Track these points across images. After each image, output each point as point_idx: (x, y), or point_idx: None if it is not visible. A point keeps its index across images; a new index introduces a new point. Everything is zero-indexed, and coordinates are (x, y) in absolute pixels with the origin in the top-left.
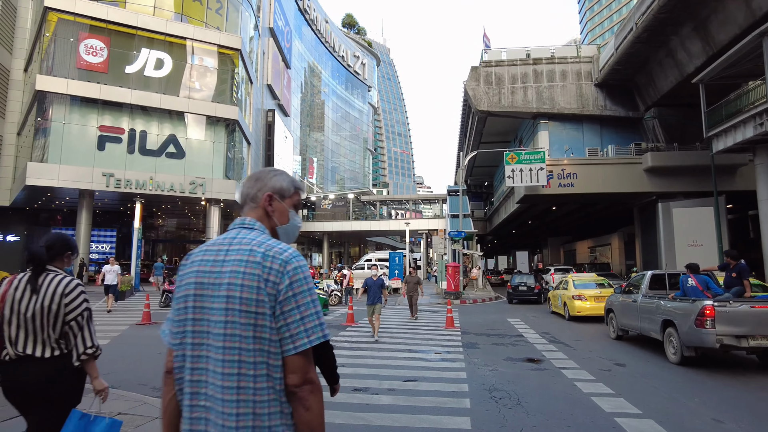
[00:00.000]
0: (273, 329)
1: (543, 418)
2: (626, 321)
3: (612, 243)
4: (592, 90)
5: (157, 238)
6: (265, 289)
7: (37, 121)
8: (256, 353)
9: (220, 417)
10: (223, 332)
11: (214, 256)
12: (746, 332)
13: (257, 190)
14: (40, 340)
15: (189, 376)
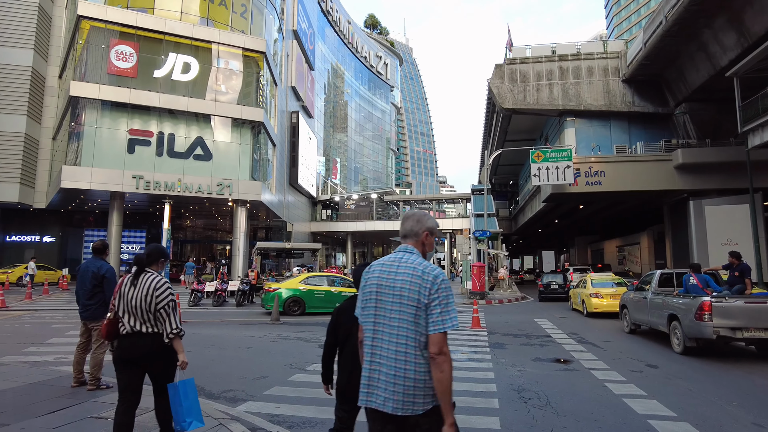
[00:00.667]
0: (424, 318)
1: (573, 419)
2: (638, 316)
3: (641, 242)
4: (620, 86)
5: (185, 238)
6: (423, 293)
7: (71, 125)
8: (413, 332)
9: (392, 369)
10: (397, 317)
11: (389, 268)
12: (741, 325)
13: (419, 228)
14: (142, 321)
15: (370, 342)
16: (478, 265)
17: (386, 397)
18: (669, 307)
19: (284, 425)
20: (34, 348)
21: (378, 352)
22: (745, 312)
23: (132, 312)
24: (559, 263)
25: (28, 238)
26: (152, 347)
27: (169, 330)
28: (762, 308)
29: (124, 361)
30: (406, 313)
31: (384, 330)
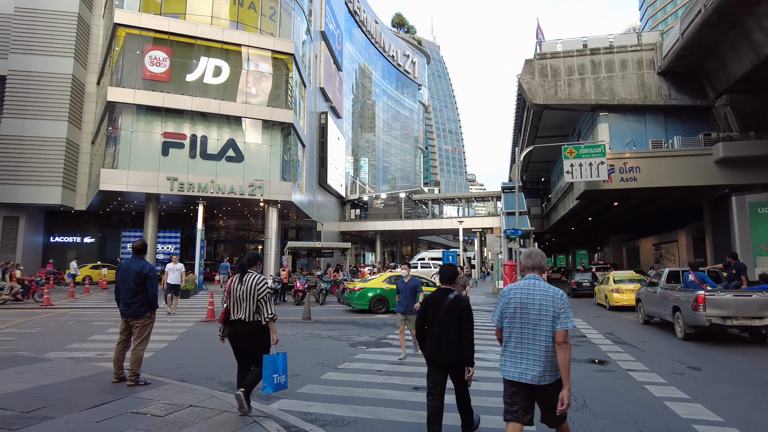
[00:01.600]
0: (554, 322)
1: (612, 422)
2: (650, 308)
3: (679, 240)
4: (655, 79)
5: (219, 238)
6: (553, 307)
7: (108, 130)
8: (551, 330)
9: (535, 354)
10: (539, 321)
11: (527, 290)
12: (730, 314)
13: (542, 263)
14: (246, 310)
15: (515, 341)
16: (509, 264)
17: (528, 372)
18: (673, 300)
19: (317, 423)
20: (77, 344)
21: (524, 344)
22: (734, 303)
23: (239, 303)
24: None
25: (69, 239)
26: (251, 329)
27: (266, 315)
28: (748, 300)
29: (236, 340)
30: (545, 318)
31: (528, 329)
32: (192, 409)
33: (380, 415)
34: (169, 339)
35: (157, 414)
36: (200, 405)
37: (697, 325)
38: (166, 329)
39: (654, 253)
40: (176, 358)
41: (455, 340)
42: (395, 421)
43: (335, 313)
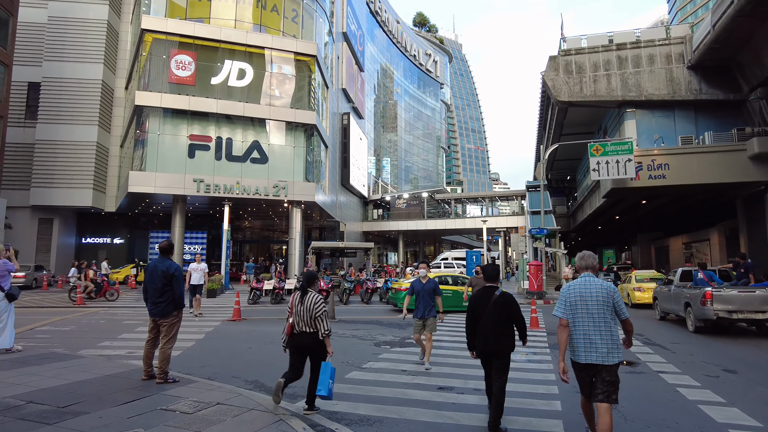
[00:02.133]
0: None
1: (643, 425)
2: (665, 305)
3: (711, 238)
4: (685, 73)
5: (244, 239)
6: (610, 299)
7: (136, 133)
8: (611, 318)
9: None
10: (600, 311)
11: (586, 286)
12: (736, 309)
13: (593, 263)
14: (306, 324)
15: (581, 329)
16: (535, 263)
17: (595, 354)
18: (684, 296)
19: (343, 422)
20: (108, 342)
21: (591, 331)
22: (738, 299)
23: (301, 319)
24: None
25: (100, 240)
26: (311, 341)
27: (322, 331)
28: (751, 296)
29: (295, 348)
30: (604, 309)
31: (591, 319)
32: (219, 406)
33: (405, 414)
34: (196, 338)
35: (185, 411)
36: (227, 403)
37: (706, 318)
38: (193, 328)
39: (684, 253)
40: (203, 356)
41: (500, 332)
42: (420, 421)
43: (359, 313)
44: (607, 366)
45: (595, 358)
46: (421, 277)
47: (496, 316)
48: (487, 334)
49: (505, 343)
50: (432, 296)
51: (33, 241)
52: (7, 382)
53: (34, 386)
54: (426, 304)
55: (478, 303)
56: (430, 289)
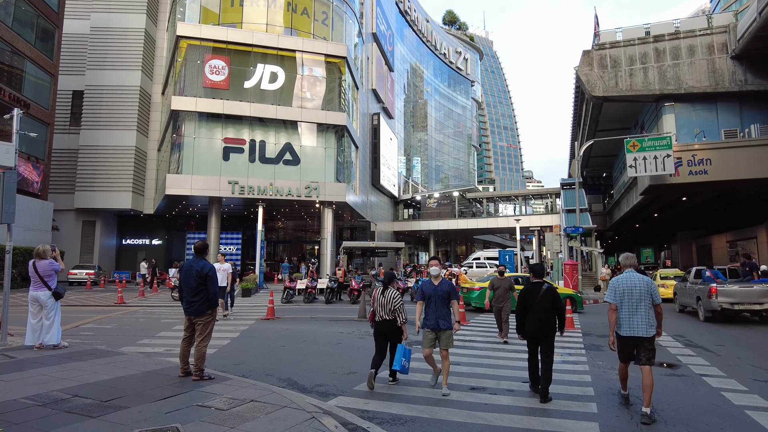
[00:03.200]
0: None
1: (685, 430)
2: (682, 299)
3: (758, 236)
4: (728, 63)
5: (278, 239)
6: (648, 288)
7: (173, 137)
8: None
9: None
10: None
11: (629, 279)
12: (737, 301)
13: (634, 262)
14: (386, 314)
15: (627, 311)
16: (570, 263)
17: (638, 329)
18: (696, 291)
19: (374, 421)
20: (147, 340)
21: (635, 315)
22: (739, 293)
23: (382, 309)
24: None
25: (139, 242)
26: (392, 327)
27: (400, 319)
28: (750, 290)
29: (378, 334)
30: (645, 296)
31: (633, 303)
32: (253, 404)
33: (437, 414)
34: (231, 336)
35: (220, 407)
36: (261, 400)
37: (713, 309)
38: (228, 327)
39: (729, 251)
40: (238, 354)
41: (545, 320)
42: (452, 421)
43: None
44: (647, 338)
45: (639, 332)
46: (433, 278)
47: (544, 306)
48: (536, 321)
49: (551, 328)
50: (446, 302)
51: (77, 242)
52: (54, 376)
53: (79, 381)
54: (439, 311)
55: (529, 295)
56: (444, 293)
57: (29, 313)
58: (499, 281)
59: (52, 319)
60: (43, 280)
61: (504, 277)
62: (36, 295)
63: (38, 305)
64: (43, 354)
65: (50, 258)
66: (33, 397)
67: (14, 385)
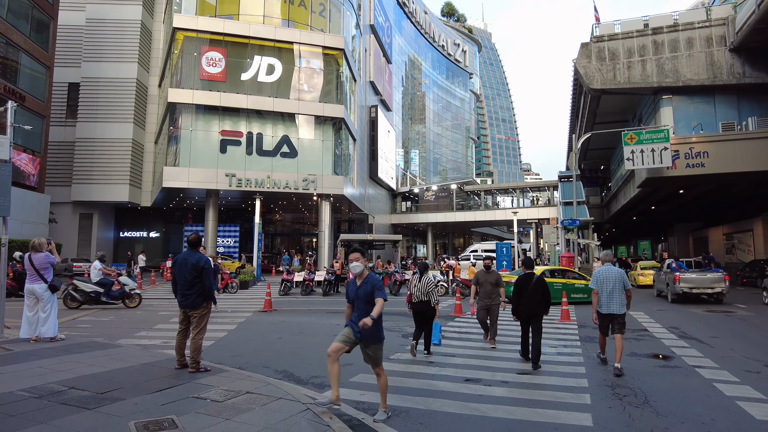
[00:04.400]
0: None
1: (676, 421)
2: (658, 285)
3: (755, 229)
4: (727, 56)
5: (275, 231)
6: (621, 278)
7: (170, 129)
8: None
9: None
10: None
11: (607, 271)
12: (695, 286)
13: (612, 259)
14: (422, 295)
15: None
16: (567, 255)
17: (613, 308)
18: (666, 279)
19: (369, 412)
20: (144, 332)
21: (611, 297)
22: (696, 279)
23: (419, 292)
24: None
25: (137, 234)
26: (426, 307)
27: (434, 300)
28: (704, 277)
29: (416, 312)
30: (618, 284)
31: (609, 289)
32: (249, 395)
33: (431, 406)
34: (228, 328)
35: (216, 399)
36: (256, 392)
37: (676, 293)
38: (225, 319)
39: (725, 244)
40: (235, 346)
41: (536, 303)
42: (447, 412)
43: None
44: (620, 314)
45: (614, 310)
46: (356, 276)
47: (535, 292)
48: (529, 303)
49: (541, 309)
50: (369, 304)
51: (75, 235)
52: (51, 368)
53: (75, 373)
54: (359, 311)
55: (524, 283)
56: (366, 295)
57: (25, 305)
58: (484, 276)
59: (48, 311)
60: (39, 273)
61: (491, 270)
62: (32, 287)
63: (34, 298)
64: (39, 346)
65: (46, 251)
66: (29, 390)
67: (11, 377)
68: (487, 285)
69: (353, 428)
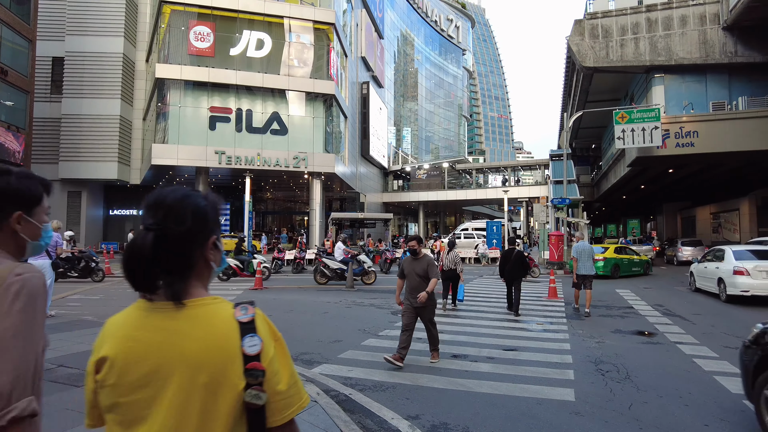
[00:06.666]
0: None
1: (655, 395)
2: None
3: (741, 208)
4: (719, 34)
5: (266, 210)
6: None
7: (158, 106)
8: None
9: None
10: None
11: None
12: None
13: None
14: (450, 264)
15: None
16: (556, 234)
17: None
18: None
19: (356, 387)
20: None
21: (585, 263)
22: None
23: (448, 262)
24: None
25: (127, 212)
26: (453, 273)
27: (459, 268)
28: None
29: (445, 278)
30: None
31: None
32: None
33: (418, 381)
34: None
35: None
36: None
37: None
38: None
39: (712, 223)
40: None
41: (518, 269)
42: (433, 387)
43: (378, 282)
44: (589, 275)
45: (585, 272)
46: None
47: (515, 262)
48: (511, 271)
49: (520, 275)
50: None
51: (63, 213)
52: None
53: (64, 351)
54: None
55: (507, 255)
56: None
57: None
58: (410, 265)
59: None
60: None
61: (420, 256)
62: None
63: None
64: None
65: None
66: None
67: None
68: (413, 277)
69: (340, 403)
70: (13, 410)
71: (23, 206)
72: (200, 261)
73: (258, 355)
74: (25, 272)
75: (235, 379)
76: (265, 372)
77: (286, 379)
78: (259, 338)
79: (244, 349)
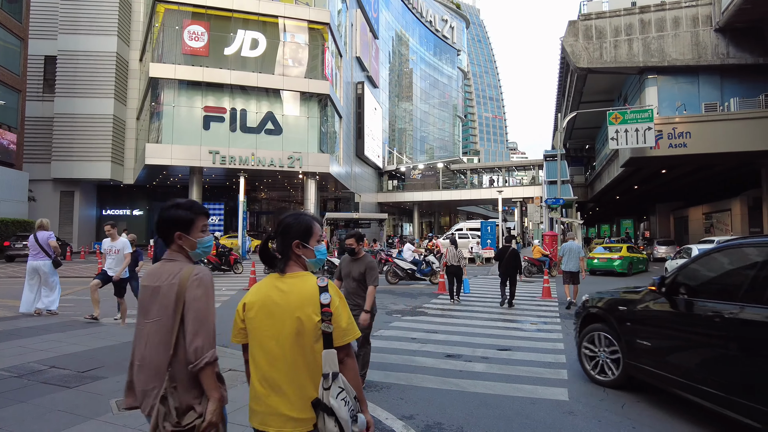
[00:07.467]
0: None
1: (648, 394)
2: None
3: (732, 209)
4: (712, 36)
5: (261, 210)
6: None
7: (152, 105)
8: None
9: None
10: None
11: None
12: None
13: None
14: (454, 259)
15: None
16: (550, 234)
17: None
18: None
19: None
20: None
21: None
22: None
23: (453, 258)
24: (639, 232)
25: (120, 212)
26: (456, 269)
27: (463, 264)
28: None
29: (449, 273)
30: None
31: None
32: (231, 372)
33: (412, 381)
34: None
35: None
36: (239, 369)
37: None
38: None
39: (704, 223)
40: (219, 324)
41: (511, 267)
42: (427, 387)
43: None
44: (576, 272)
45: (573, 268)
46: None
47: (510, 258)
48: (506, 267)
49: (515, 271)
50: None
51: (56, 213)
52: (31, 348)
53: (56, 352)
54: None
55: (503, 251)
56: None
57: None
58: (348, 266)
59: (54, 283)
60: (44, 249)
61: (360, 256)
62: (36, 264)
63: (37, 275)
64: (19, 326)
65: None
66: (9, 369)
67: None
68: (350, 281)
69: None
70: (206, 357)
71: (182, 228)
72: (292, 253)
73: (328, 303)
74: (200, 271)
75: (314, 317)
76: (332, 314)
77: (345, 319)
78: (329, 295)
79: (321, 300)
